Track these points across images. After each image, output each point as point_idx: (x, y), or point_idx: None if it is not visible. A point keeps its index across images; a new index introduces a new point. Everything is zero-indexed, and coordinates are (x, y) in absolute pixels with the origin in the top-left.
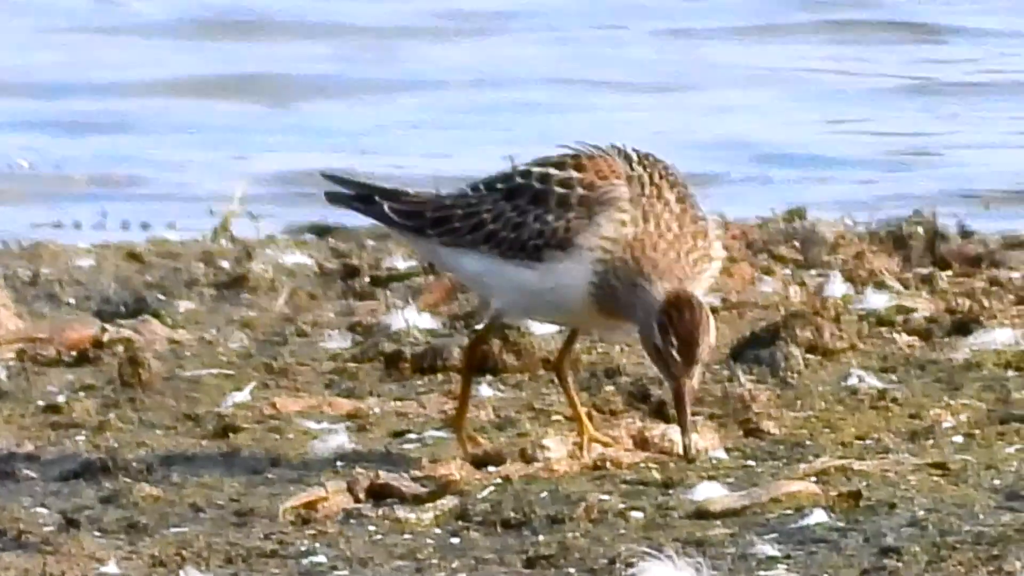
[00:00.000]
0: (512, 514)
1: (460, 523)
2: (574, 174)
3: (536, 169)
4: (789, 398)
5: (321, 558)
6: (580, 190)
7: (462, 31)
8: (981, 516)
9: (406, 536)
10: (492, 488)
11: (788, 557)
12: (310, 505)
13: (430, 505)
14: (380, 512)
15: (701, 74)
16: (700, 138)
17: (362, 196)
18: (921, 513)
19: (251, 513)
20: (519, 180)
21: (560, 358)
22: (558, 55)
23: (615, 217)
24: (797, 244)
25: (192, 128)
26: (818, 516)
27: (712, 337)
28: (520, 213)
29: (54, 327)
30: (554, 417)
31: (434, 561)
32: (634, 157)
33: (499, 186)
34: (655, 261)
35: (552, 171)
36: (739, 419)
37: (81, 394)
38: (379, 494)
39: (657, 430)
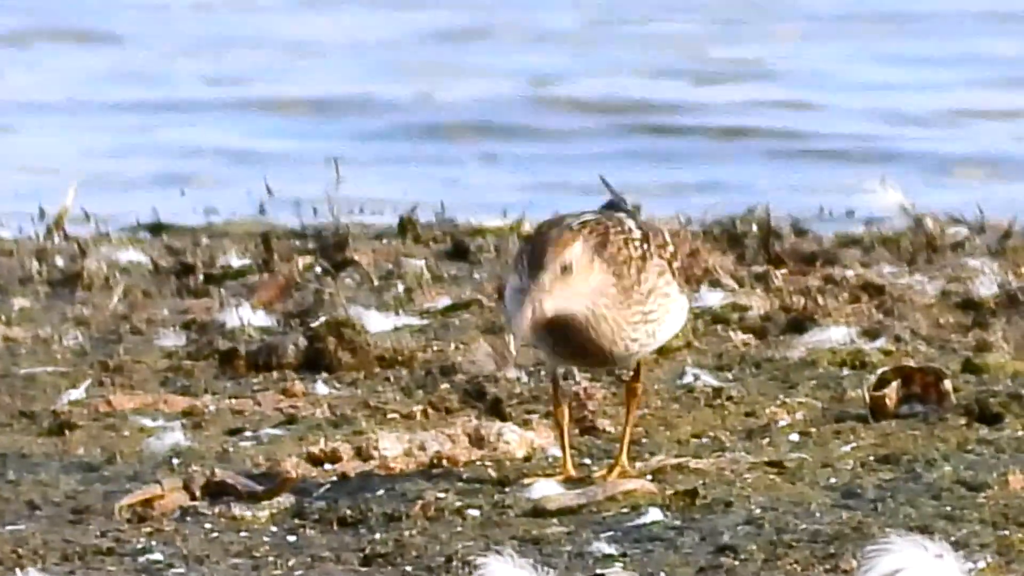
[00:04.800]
0: (348, 512)
1: (296, 521)
2: None
3: None
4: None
5: (158, 556)
6: None
7: None
8: (817, 514)
9: (242, 534)
10: (328, 486)
11: (625, 555)
12: (146, 503)
13: (266, 503)
14: (216, 510)
15: None
16: None
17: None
18: (757, 511)
19: (87, 511)
20: None
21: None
22: None
23: None
24: None
25: None
26: (654, 514)
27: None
28: None
29: None
30: (389, 415)
31: (271, 559)
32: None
33: None
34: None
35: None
36: (575, 417)
37: None
38: (215, 492)
39: (493, 428)
